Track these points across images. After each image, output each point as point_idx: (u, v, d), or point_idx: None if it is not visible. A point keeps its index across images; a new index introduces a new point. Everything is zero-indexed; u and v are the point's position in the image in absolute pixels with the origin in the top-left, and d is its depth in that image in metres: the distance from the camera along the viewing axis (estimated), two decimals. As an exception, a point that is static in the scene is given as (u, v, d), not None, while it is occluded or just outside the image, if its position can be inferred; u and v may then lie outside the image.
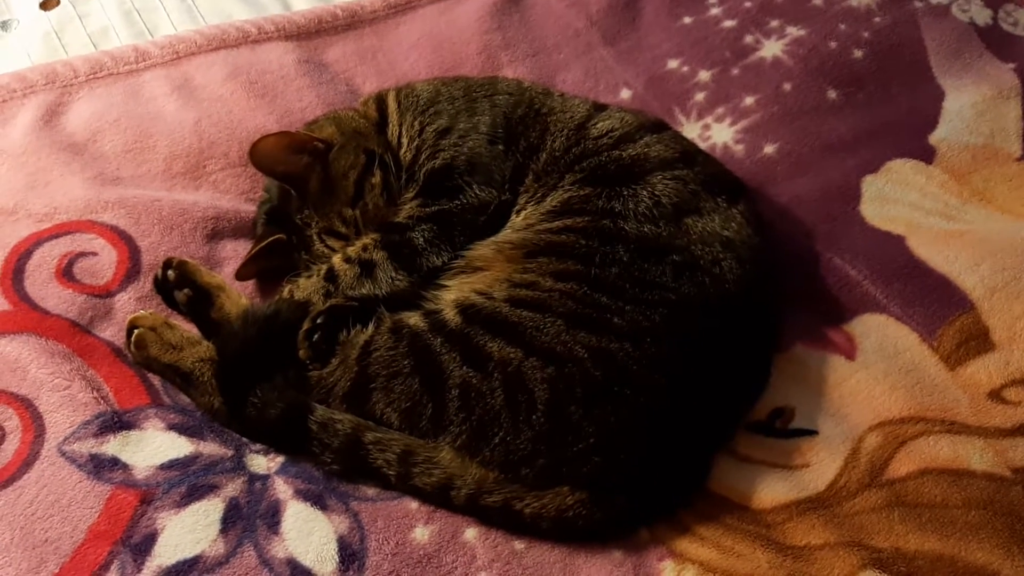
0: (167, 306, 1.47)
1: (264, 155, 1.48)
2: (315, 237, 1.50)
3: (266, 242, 1.50)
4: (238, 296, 1.46)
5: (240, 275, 1.51)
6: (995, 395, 1.39)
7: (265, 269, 1.53)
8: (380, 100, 1.64)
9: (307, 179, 1.49)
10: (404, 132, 1.57)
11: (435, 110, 1.58)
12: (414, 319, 1.33)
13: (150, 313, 1.42)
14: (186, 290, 1.44)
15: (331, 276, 1.43)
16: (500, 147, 1.53)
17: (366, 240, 1.46)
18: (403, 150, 1.55)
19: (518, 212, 1.47)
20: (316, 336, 1.34)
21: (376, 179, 1.50)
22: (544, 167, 1.50)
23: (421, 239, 1.44)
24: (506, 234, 1.43)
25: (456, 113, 1.58)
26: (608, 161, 1.48)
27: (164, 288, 1.47)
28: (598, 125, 1.54)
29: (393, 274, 1.42)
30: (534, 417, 1.24)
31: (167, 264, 1.46)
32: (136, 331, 1.38)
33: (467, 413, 1.26)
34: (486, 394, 1.26)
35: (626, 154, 1.49)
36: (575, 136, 1.53)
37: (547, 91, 1.67)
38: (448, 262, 1.44)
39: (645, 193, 1.41)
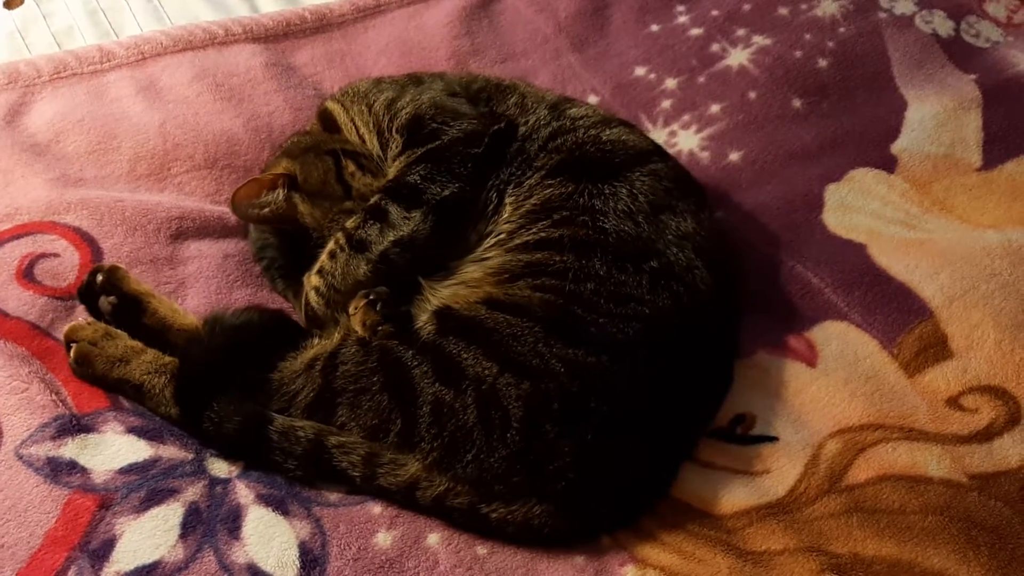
0: (91, 315, 1.41)
1: (243, 204, 1.47)
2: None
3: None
4: (169, 301, 1.44)
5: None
6: (953, 402, 1.41)
7: None
8: (322, 112, 1.64)
9: (293, 211, 1.49)
10: (358, 122, 1.56)
11: (378, 89, 1.58)
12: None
13: (88, 323, 1.38)
14: (111, 298, 1.39)
15: (352, 241, 1.40)
16: (463, 99, 1.53)
17: (371, 200, 1.44)
18: (367, 140, 1.55)
19: (500, 193, 1.45)
20: (379, 306, 1.33)
21: (351, 167, 1.50)
22: (529, 131, 1.50)
23: (417, 177, 1.42)
24: (491, 255, 1.41)
25: (402, 87, 1.58)
26: (587, 141, 1.48)
27: (89, 296, 1.42)
28: (572, 110, 1.55)
29: (405, 213, 1.40)
30: (509, 435, 1.23)
31: (96, 270, 1.42)
32: (75, 346, 1.34)
33: (438, 430, 1.25)
34: (459, 411, 1.24)
35: (605, 136, 1.49)
36: (553, 112, 1.53)
37: (501, 78, 1.68)
38: (460, 196, 1.42)
39: (624, 191, 1.41)
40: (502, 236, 1.42)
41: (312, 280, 1.42)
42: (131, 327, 1.39)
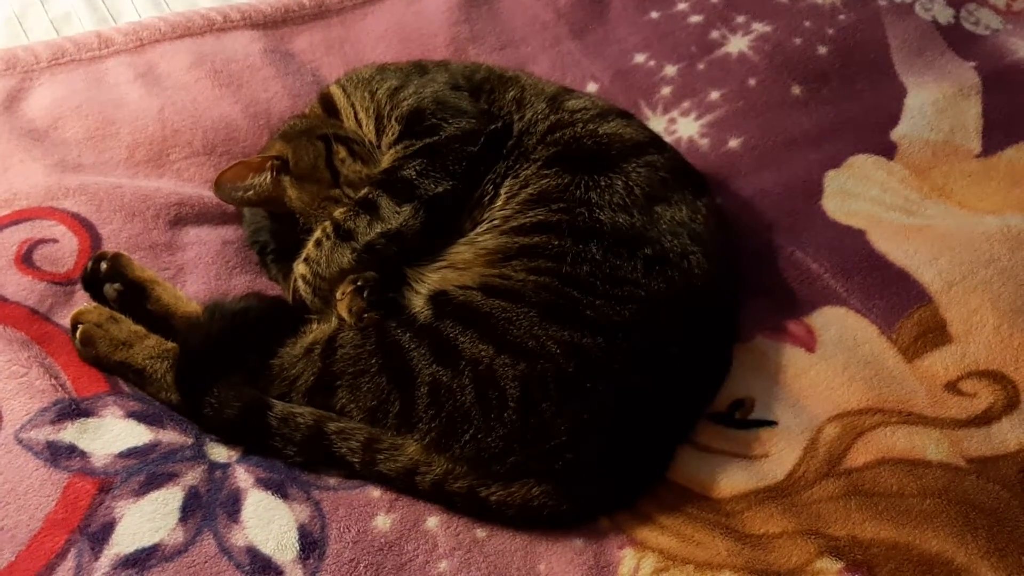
0: (94, 301, 1.41)
1: (227, 186, 1.46)
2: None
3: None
4: (173, 288, 1.44)
5: None
6: (951, 387, 1.41)
7: None
8: (323, 95, 1.63)
9: (281, 195, 1.48)
10: (358, 107, 1.56)
11: (382, 77, 1.58)
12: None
13: (94, 307, 1.38)
14: (116, 285, 1.40)
15: (339, 230, 1.39)
16: (465, 94, 1.53)
17: (362, 191, 1.44)
18: (364, 125, 1.55)
19: (497, 186, 1.45)
20: (366, 292, 1.33)
21: (342, 153, 1.49)
22: (527, 126, 1.50)
23: (413, 172, 1.42)
24: (484, 238, 1.41)
25: (406, 75, 1.58)
26: (584, 135, 1.48)
27: (93, 282, 1.41)
28: (570, 102, 1.55)
29: (396, 207, 1.40)
30: (506, 414, 1.24)
31: (99, 257, 1.42)
32: (81, 327, 1.34)
33: (436, 410, 1.25)
34: (456, 392, 1.25)
35: (602, 130, 1.49)
36: (551, 105, 1.53)
37: (504, 68, 1.67)
38: (450, 193, 1.42)
39: (620, 183, 1.41)
40: (496, 221, 1.42)
41: (299, 268, 1.42)
42: (135, 314, 1.39)
